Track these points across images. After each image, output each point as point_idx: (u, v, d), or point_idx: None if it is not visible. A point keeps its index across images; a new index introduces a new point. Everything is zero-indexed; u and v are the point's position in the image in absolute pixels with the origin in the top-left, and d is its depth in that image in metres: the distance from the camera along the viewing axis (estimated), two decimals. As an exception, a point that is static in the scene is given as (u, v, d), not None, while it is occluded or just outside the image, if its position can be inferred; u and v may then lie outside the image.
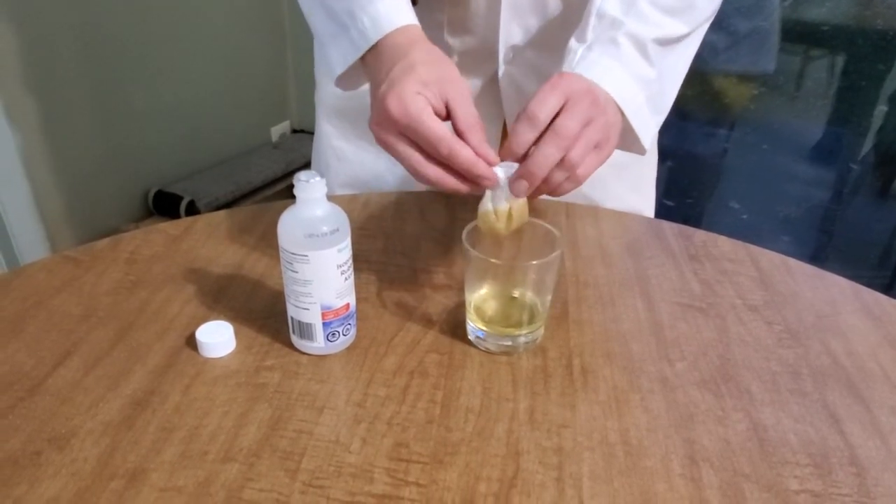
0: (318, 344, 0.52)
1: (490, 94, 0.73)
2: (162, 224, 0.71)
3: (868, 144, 2.15)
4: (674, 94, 0.65)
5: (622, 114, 0.57)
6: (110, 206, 1.87)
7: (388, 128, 0.51)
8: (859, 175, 2.17)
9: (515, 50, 0.70)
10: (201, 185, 1.97)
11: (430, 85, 0.51)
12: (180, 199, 1.89)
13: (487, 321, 0.54)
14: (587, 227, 0.72)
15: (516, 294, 0.55)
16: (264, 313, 0.58)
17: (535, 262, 0.51)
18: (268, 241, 0.68)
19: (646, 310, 0.59)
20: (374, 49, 0.55)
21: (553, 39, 0.69)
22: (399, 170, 0.82)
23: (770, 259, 0.67)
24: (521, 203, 0.53)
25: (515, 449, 0.45)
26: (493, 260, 0.51)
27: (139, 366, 0.52)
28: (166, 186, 1.93)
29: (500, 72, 0.71)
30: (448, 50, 0.71)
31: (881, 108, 2.10)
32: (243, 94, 2.19)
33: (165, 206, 1.92)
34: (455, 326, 0.56)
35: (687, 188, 2.18)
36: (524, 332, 0.53)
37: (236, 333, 0.54)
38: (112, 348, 0.53)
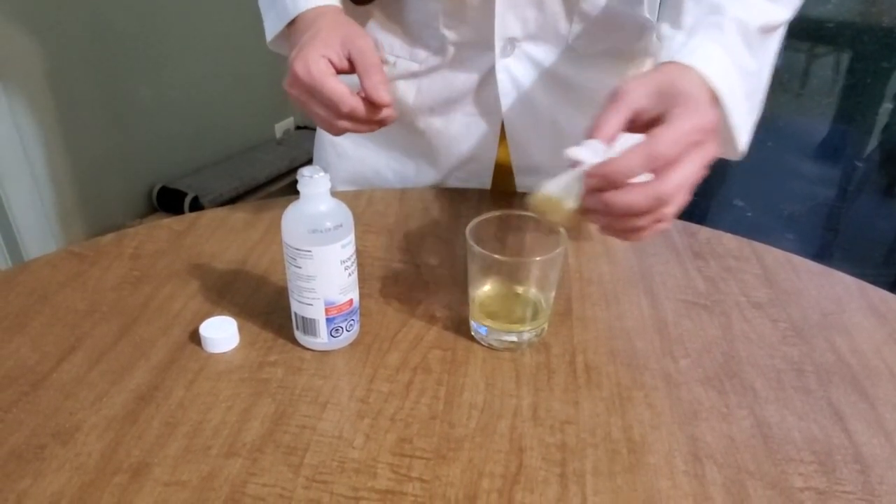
0: (321, 339, 0.52)
1: (487, 88, 0.72)
2: (166, 220, 0.71)
3: (873, 142, 2.14)
4: (765, 94, 0.58)
5: (722, 108, 0.50)
6: (115, 203, 1.87)
7: (297, 88, 0.56)
8: (864, 173, 2.17)
9: (513, 43, 0.69)
10: (205, 181, 1.97)
11: (333, 45, 0.56)
12: (184, 195, 1.90)
13: (491, 317, 0.54)
14: (590, 224, 0.72)
15: (520, 290, 0.55)
16: (268, 309, 0.58)
17: (538, 259, 0.51)
18: (271, 237, 0.68)
19: (650, 307, 0.59)
20: (292, 23, 0.61)
21: (552, 33, 0.69)
22: (398, 166, 0.82)
23: (775, 256, 0.67)
24: None
25: (518, 445, 0.45)
26: (496, 256, 0.51)
27: (143, 361, 0.52)
28: (170, 183, 1.94)
29: (497, 66, 0.70)
30: (444, 42, 0.70)
31: (886, 106, 2.09)
32: (247, 91, 2.19)
33: (169, 202, 1.92)
34: (458, 323, 0.56)
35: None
36: (527, 328, 0.53)
37: (240, 329, 0.54)
38: (116, 343, 0.53)
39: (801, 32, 2.12)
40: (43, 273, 0.62)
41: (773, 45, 0.59)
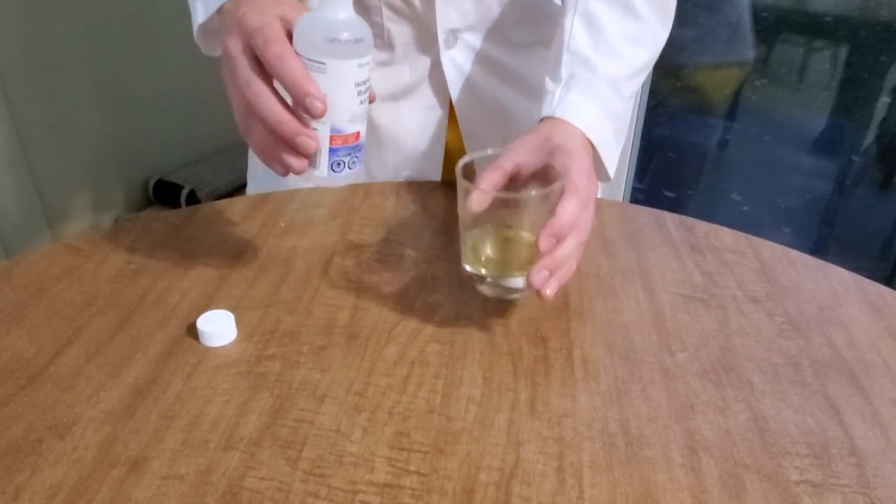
0: (321, 172, 0.48)
1: (434, 80, 0.74)
2: (163, 213, 0.71)
3: (870, 136, 2.14)
4: (629, 119, 0.70)
5: (595, 151, 0.60)
6: (111, 196, 1.86)
7: (237, 37, 0.47)
8: (861, 167, 2.17)
9: (455, 34, 0.71)
10: (202, 173, 1.96)
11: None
12: (181, 188, 1.89)
13: (487, 265, 0.52)
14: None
15: (513, 234, 0.53)
16: (265, 302, 0.58)
17: (535, 193, 0.50)
18: (268, 230, 0.68)
19: (647, 300, 0.59)
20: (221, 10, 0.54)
21: (490, 23, 0.72)
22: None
23: (772, 250, 0.67)
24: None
25: (516, 438, 0.45)
26: (495, 192, 0.49)
27: (140, 354, 0.52)
28: (167, 176, 1.93)
29: (443, 57, 0.72)
30: (389, 37, 0.71)
31: (884, 100, 2.09)
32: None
33: (166, 195, 1.92)
34: (457, 316, 0.56)
35: (687, 179, 2.17)
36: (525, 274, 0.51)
37: (237, 322, 0.54)
38: (113, 337, 0.53)
39: (799, 26, 2.12)
40: (39, 266, 0.62)
41: (639, 81, 0.67)
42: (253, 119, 0.48)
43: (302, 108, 0.45)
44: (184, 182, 1.90)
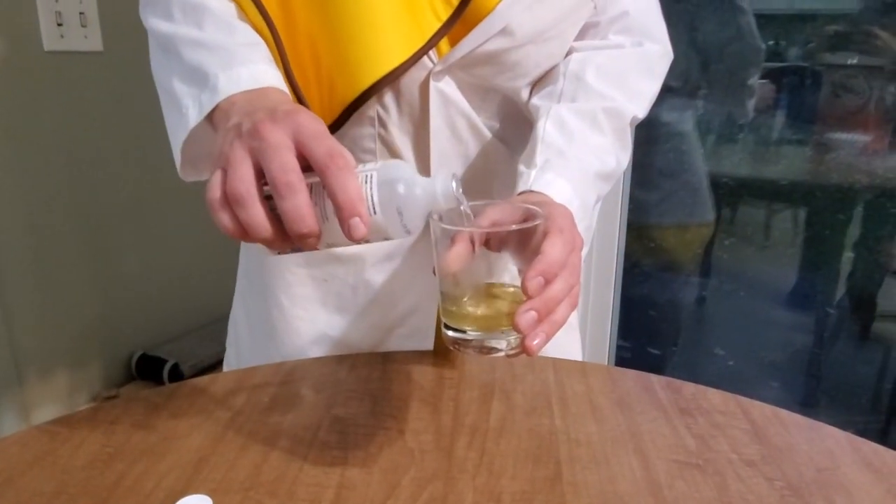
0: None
1: (429, 237, 0.76)
2: (144, 391, 0.70)
3: (841, 290, 2.21)
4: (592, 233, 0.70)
5: None
6: (93, 372, 1.83)
7: (283, 128, 0.45)
8: (838, 319, 2.21)
9: None
10: (185, 347, 1.94)
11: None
12: (164, 362, 1.86)
13: (470, 320, 0.50)
14: (575, 383, 0.72)
15: (495, 289, 0.51)
16: (246, 484, 0.55)
17: (515, 227, 0.49)
18: (252, 406, 0.67)
19: (641, 468, 0.58)
20: (234, 96, 0.54)
21: (474, 185, 0.73)
22: (338, 334, 0.78)
23: (762, 411, 0.67)
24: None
25: None
26: (470, 229, 0.49)
27: (110, 549, 0.48)
28: (150, 350, 1.91)
29: None
30: None
31: (848, 255, 2.19)
32: (232, 255, 2.24)
33: (148, 369, 1.89)
34: (446, 493, 0.54)
35: (669, 335, 2.19)
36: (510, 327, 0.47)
37: (216, 508, 0.52)
38: (82, 529, 0.50)
39: (758, 191, 2.27)
40: (11, 453, 0.59)
41: (605, 188, 0.70)
42: (258, 205, 0.45)
43: (344, 225, 0.44)
44: (167, 356, 1.88)
